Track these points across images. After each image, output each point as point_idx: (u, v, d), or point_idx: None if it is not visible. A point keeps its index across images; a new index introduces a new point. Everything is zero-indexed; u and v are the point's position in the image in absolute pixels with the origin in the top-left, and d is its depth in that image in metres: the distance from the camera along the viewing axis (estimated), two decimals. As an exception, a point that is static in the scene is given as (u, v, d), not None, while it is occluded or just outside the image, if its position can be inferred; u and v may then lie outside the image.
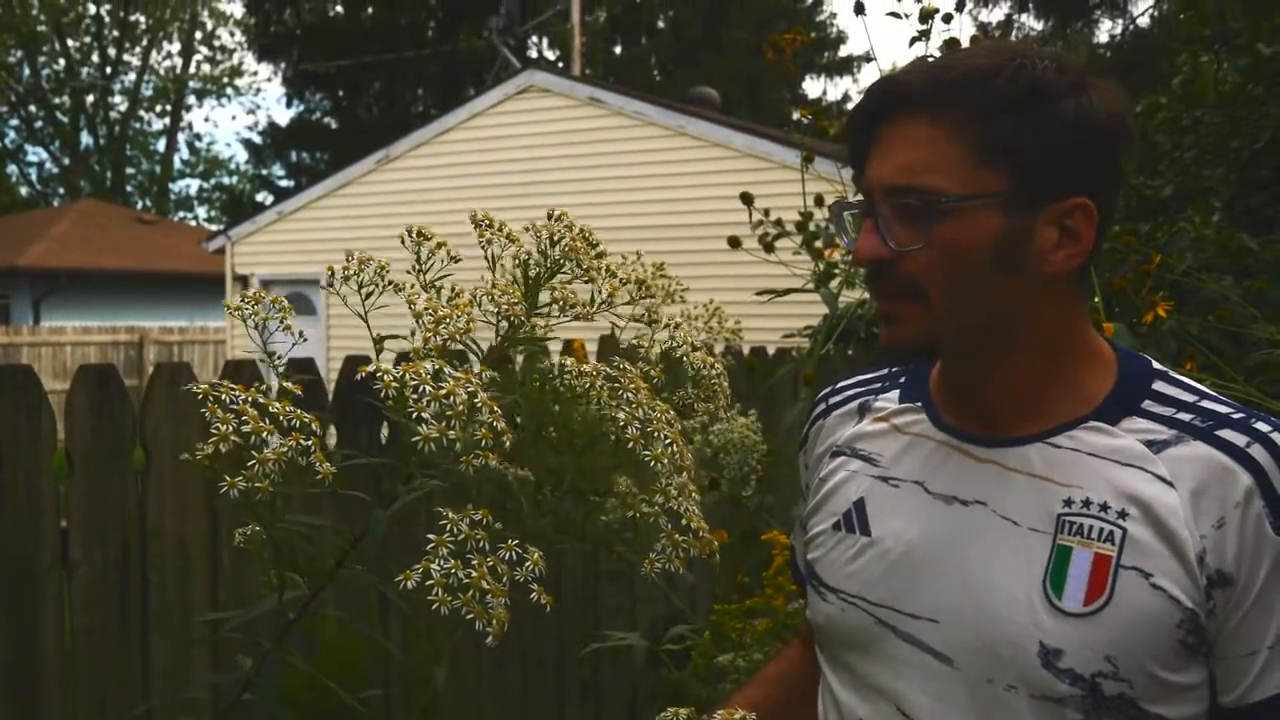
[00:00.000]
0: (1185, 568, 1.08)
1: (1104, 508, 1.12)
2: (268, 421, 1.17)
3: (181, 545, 2.52)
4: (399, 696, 2.89)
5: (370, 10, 31.25)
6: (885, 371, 1.39)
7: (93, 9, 38.75)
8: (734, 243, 3.13)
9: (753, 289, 3.15)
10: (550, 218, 1.41)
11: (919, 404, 1.30)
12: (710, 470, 2.66)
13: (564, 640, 3.37)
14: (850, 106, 1.21)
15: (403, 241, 1.38)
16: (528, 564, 1.21)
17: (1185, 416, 1.14)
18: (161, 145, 41.48)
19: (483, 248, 1.39)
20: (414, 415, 1.15)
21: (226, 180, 42.55)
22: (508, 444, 1.21)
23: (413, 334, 1.27)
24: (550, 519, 1.44)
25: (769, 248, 3.10)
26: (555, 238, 1.39)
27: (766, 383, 3.43)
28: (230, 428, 1.14)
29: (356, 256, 1.34)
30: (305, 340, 1.35)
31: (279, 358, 1.30)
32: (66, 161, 39.52)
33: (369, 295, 1.34)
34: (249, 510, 1.26)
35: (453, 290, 1.34)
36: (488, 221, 1.41)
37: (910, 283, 1.15)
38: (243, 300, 1.29)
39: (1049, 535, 1.14)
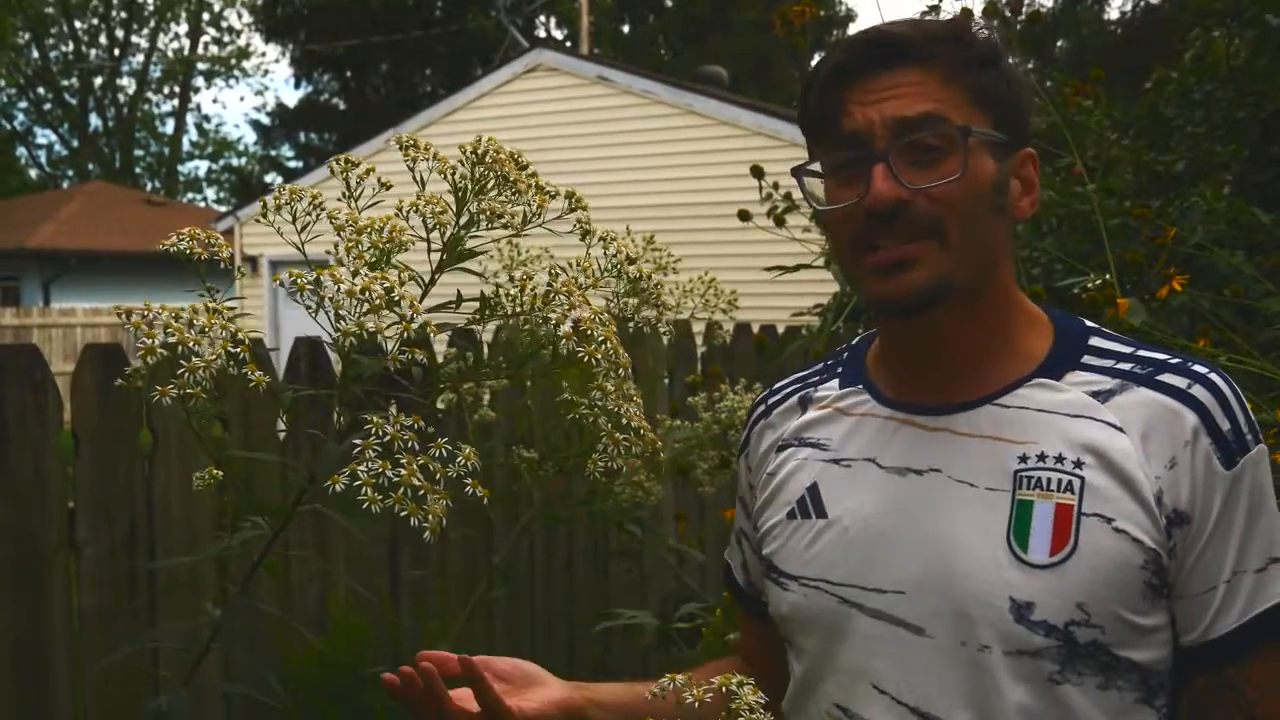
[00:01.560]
0: (1145, 509, 1.11)
1: (1059, 459, 1.14)
2: (194, 333, 1.17)
3: (189, 526, 2.52)
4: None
5: (377, -10, 31.17)
6: (820, 365, 1.40)
7: (100, -9, 38.72)
8: (744, 216, 3.11)
9: (762, 267, 3.13)
10: (477, 140, 1.42)
11: (860, 386, 1.30)
12: (719, 449, 2.65)
13: (575, 619, 3.37)
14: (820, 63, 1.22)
15: (331, 171, 1.40)
16: (459, 460, 1.23)
17: (1125, 366, 1.17)
18: (170, 127, 41.50)
19: (410, 169, 1.39)
20: (333, 313, 1.16)
21: (235, 161, 42.58)
22: (434, 338, 1.22)
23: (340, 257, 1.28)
24: (559, 497, 1.45)
25: (779, 221, 3.07)
26: (481, 154, 1.40)
27: (776, 360, 3.42)
28: (157, 341, 1.14)
29: (288, 189, 1.35)
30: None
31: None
32: (75, 144, 39.55)
33: (305, 226, 1.35)
34: (203, 445, 1.27)
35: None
36: (413, 142, 1.42)
37: (930, 220, 1.14)
38: (177, 237, 1.29)
39: (1007, 493, 1.15)
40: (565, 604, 3.38)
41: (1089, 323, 1.25)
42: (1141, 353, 1.19)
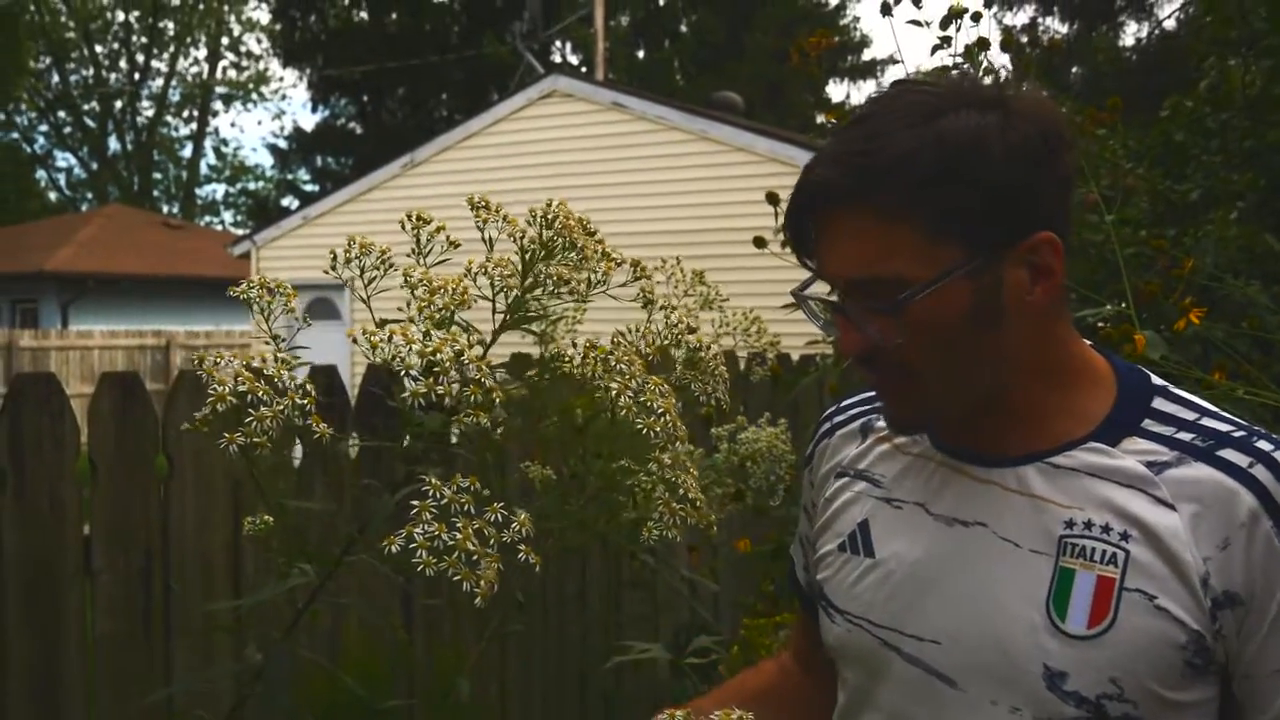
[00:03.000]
0: (1189, 590, 1.08)
1: (1106, 529, 1.11)
2: (263, 383, 1.20)
3: (204, 553, 2.52)
4: (421, 705, 2.88)
5: (395, 16, 31.36)
6: None
7: (121, 16, 39.06)
8: (759, 242, 3.10)
9: (776, 294, 3.11)
10: (548, 204, 1.43)
11: None
12: (736, 480, 2.63)
13: (587, 650, 3.36)
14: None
15: (403, 226, 1.42)
16: (514, 525, 1.23)
17: (1186, 436, 1.13)
18: (188, 150, 41.80)
19: (479, 229, 1.40)
20: (402, 373, 1.18)
21: (252, 185, 42.81)
22: (498, 401, 1.22)
23: (411, 315, 1.30)
24: (572, 521, 1.46)
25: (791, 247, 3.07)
26: (551, 218, 1.40)
27: (791, 392, 3.40)
28: (227, 388, 1.16)
29: (358, 241, 1.36)
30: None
31: (294, 354, 1.30)
32: (94, 167, 39.81)
33: (371, 280, 1.36)
34: (259, 493, 1.28)
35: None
36: (484, 203, 1.42)
37: (901, 366, 1.15)
38: (247, 285, 1.32)
39: (1051, 557, 1.13)
40: (578, 634, 3.37)
41: (1155, 379, 1.21)
42: (1204, 422, 1.15)
